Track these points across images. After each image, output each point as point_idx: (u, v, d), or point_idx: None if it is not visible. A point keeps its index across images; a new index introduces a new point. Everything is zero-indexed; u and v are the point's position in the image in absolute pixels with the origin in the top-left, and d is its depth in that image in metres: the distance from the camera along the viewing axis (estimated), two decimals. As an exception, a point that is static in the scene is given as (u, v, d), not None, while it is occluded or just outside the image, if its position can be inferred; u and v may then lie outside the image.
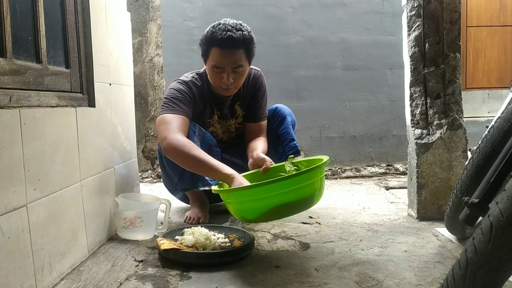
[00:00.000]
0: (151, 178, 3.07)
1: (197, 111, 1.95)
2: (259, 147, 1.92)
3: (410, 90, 1.95)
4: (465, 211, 1.23)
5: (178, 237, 1.60)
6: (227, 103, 2.02)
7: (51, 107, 1.34)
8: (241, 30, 1.80)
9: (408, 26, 1.94)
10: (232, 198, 1.54)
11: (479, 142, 1.43)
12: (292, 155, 1.81)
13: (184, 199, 2.16)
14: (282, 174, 1.65)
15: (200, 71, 1.99)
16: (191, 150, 1.67)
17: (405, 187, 2.47)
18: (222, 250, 1.49)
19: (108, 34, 1.77)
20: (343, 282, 1.29)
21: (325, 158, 1.58)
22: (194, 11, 3.18)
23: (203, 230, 1.59)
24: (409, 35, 1.94)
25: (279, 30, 3.24)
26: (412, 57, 1.93)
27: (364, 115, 3.31)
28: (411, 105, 1.96)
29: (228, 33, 1.77)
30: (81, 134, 1.47)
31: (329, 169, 3.20)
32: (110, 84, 1.78)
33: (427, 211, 1.92)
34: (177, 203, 2.23)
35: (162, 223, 1.80)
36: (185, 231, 1.61)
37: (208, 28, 1.84)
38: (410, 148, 1.98)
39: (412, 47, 1.93)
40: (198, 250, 1.48)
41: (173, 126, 1.74)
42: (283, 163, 1.78)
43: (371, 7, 3.28)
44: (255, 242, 1.64)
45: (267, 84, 2.09)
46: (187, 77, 1.97)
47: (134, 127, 2.12)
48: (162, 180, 2.14)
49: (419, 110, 1.94)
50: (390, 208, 2.20)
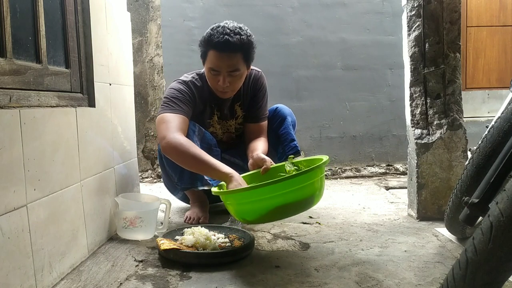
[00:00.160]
0: (151, 178, 3.07)
1: (197, 112, 1.95)
2: (259, 147, 1.92)
3: (410, 90, 1.95)
4: (465, 211, 1.23)
5: (178, 237, 1.60)
6: (227, 103, 2.02)
7: (51, 107, 1.34)
8: (239, 34, 1.79)
9: (408, 26, 1.94)
10: (232, 199, 1.54)
11: (479, 142, 1.43)
12: (292, 155, 1.81)
13: (184, 199, 2.16)
14: (282, 174, 1.64)
15: (201, 71, 1.99)
16: (190, 149, 1.67)
17: (405, 187, 2.47)
18: (222, 250, 1.49)
19: (108, 34, 1.77)
20: (343, 282, 1.29)
21: (324, 158, 1.58)
22: (194, 11, 3.18)
23: (203, 230, 1.59)
24: (409, 35, 1.94)
25: (279, 30, 3.24)
26: (412, 57, 1.93)
27: (364, 115, 3.31)
28: (411, 105, 1.96)
29: (225, 36, 1.77)
30: (81, 134, 1.47)
31: (329, 169, 3.20)
32: (110, 84, 1.78)
33: (427, 211, 1.92)
34: (177, 203, 2.23)
35: (162, 223, 1.80)
36: (185, 231, 1.61)
37: (208, 30, 1.84)
38: (410, 148, 1.98)
39: (412, 47, 1.93)
40: (198, 250, 1.48)
41: (172, 126, 1.74)
42: (283, 163, 1.78)
43: (371, 7, 3.28)
44: (255, 242, 1.64)
45: (267, 84, 2.09)
46: (187, 77, 1.97)
47: (134, 127, 2.12)
48: (162, 180, 2.14)
49: (419, 110, 1.94)
50: (390, 208, 2.20)
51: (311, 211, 2.05)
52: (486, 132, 1.40)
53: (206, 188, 1.87)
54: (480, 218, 1.23)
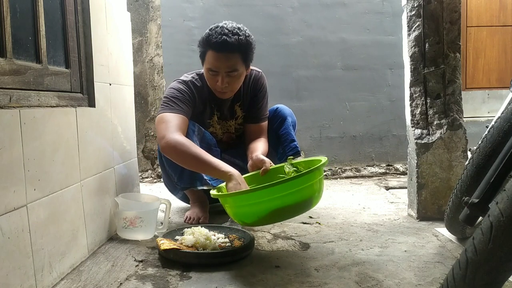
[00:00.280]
0: (151, 178, 3.07)
1: (197, 112, 1.95)
2: (259, 148, 1.92)
3: (410, 90, 1.95)
4: (465, 211, 1.23)
5: (178, 237, 1.60)
6: (227, 104, 2.02)
7: (51, 107, 1.34)
8: (237, 34, 1.79)
9: (408, 26, 1.94)
10: (230, 202, 1.53)
11: (479, 142, 1.43)
12: (291, 156, 1.80)
13: (184, 199, 2.16)
14: (281, 175, 1.64)
15: (200, 71, 1.99)
16: (189, 148, 1.67)
17: (405, 187, 2.47)
18: (222, 250, 1.49)
19: (108, 34, 1.77)
20: (343, 282, 1.29)
21: (323, 159, 1.57)
22: (194, 11, 3.18)
23: (203, 230, 1.59)
24: (409, 35, 1.94)
25: (279, 30, 3.24)
26: (412, 57, 1.93)
27: (364, 115, 3.31)
28: (411, 105, 1.96)
29: (223, 37, 1.77)
30: (81, 134, 1.47)
31: (329, 169, 3.20)
32: (110, 84, 1.78)
33: (427, 211, 1.92)
34: (177, 203, 2.23)
35: (162, 223, 1.80)
36: (185, 231, 1.61)
37: (207, 30, 1.84)
38: (410, 148, 1.98)
39: (412, 47, 1.93)
40: (198, 250, 1.48)
41: (171, 125, 1.74)
42: (283, 164, 1.77)
43: (371, 7, 3.28)
44: (255, 242, 1.64)
45: (267, 84, 2.09)
46: (187, 77, 1.97)
47: (134, 127, 2.12)
48: (162, 179, 2.14)
49: (419, 110, 1.94)
50: (390, 208, 2.20)
51: (311, 211, 2.04)
52: (486, 132, 1.40)
53: (205, 187, 1.88)
54: (480, 218, 1.23)
